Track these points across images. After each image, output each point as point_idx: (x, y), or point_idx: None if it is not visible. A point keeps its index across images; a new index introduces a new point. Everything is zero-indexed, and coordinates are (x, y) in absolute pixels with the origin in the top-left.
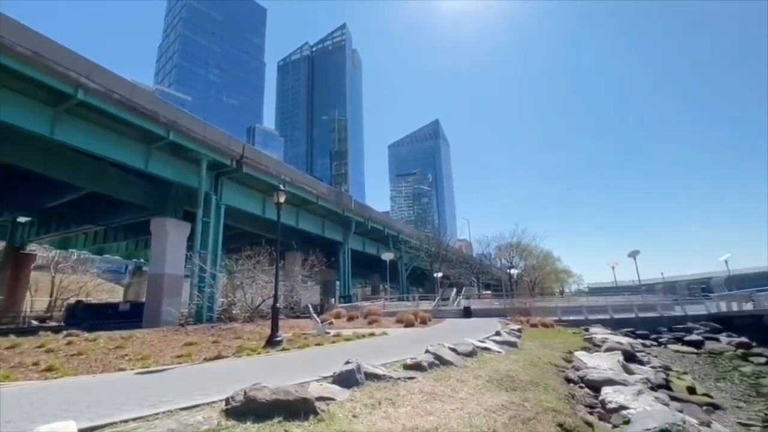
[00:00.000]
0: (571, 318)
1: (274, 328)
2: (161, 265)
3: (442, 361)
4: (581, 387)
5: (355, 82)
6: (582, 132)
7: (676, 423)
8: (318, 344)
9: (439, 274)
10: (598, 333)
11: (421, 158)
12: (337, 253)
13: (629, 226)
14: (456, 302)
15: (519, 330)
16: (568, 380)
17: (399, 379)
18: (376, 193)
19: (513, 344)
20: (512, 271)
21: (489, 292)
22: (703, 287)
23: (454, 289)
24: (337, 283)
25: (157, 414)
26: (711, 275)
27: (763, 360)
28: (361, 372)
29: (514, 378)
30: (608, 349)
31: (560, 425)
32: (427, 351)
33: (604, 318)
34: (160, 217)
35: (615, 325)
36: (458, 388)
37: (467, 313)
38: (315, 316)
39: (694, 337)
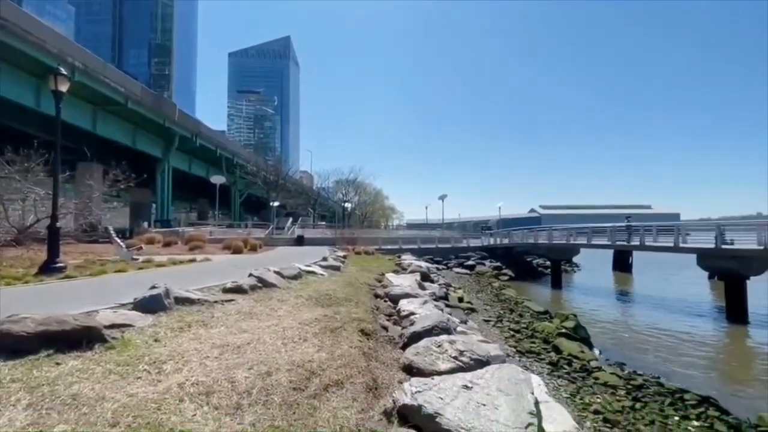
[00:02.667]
0: (390, 247)
1: (53, 252)
2: None
3: (265, 284)
4: (385, 301)
5: None
6: (432, 84)
7: (443, 321)
8: (119, 271)
9: (276, 203)
10: (407, 259)
11: (268, 77)
12: (154, 170)
13: (445, 173)
14: (290, 231)
15: (344, 256)
16: (377, 296)
17: (216, 302)
18: (211, 108)
19: (337, 268)
20: (347, 204)
21: (324, 222)
22: (483, 226)
23: (290, 219)
24: (154, 205)
25: None
26: (490, 217)
27: (506, 278)
28: (171, 297)
29: (332, 296)
30: (411, 272)
31: (362, 331)
32: (250, 275)
33: (414, 247)
34: None
35: (421, 253)
36: (278, 307)
37: (300, 241)
38: (118, 240)
39: (470, 262)
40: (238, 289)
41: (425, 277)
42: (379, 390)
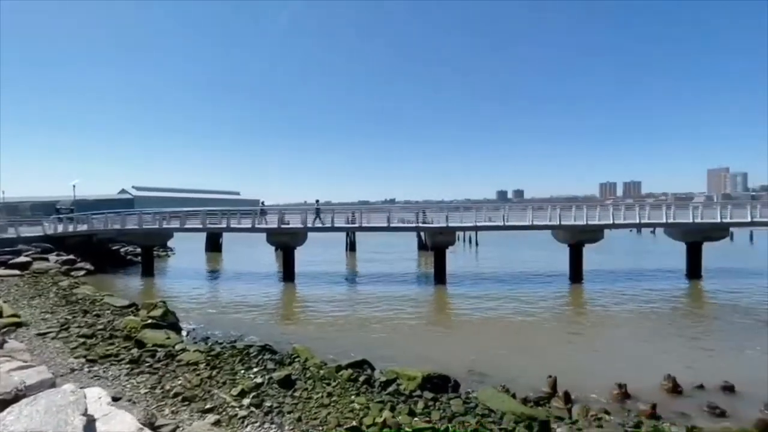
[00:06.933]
0: None
1: None
2: None
3: None
4: None
5: None
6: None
7: None
8: None
9: None
10: None
11: None
12: None
13: None
14: None
15: None
16: None
17: None
18: None
19: None
20: None
21: None
22: (59, 208)
23: None
24: None
25: None
26: (61, 198)
27: (83, 272)
28: None
29: None
30: None
31: None
32: None
33: None
34: None
35: None
36: None
37: None
38: None
39: (22, 259)
40: None
41: None
42: None
